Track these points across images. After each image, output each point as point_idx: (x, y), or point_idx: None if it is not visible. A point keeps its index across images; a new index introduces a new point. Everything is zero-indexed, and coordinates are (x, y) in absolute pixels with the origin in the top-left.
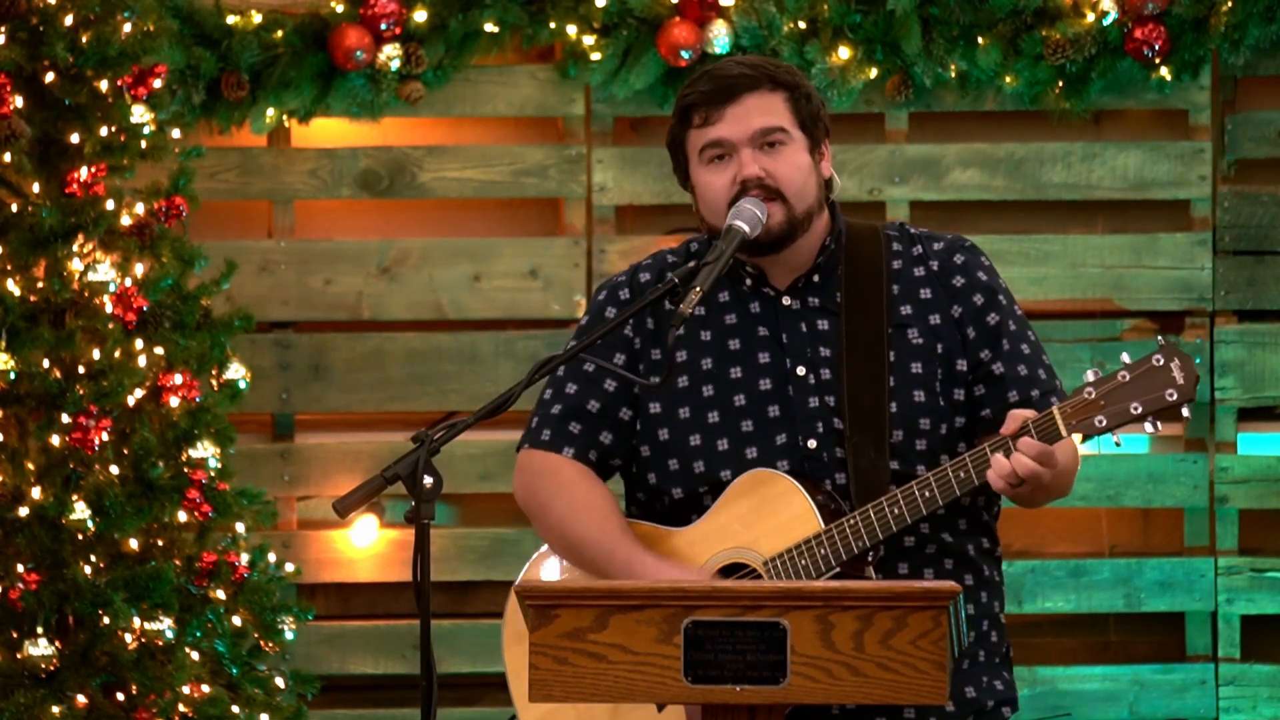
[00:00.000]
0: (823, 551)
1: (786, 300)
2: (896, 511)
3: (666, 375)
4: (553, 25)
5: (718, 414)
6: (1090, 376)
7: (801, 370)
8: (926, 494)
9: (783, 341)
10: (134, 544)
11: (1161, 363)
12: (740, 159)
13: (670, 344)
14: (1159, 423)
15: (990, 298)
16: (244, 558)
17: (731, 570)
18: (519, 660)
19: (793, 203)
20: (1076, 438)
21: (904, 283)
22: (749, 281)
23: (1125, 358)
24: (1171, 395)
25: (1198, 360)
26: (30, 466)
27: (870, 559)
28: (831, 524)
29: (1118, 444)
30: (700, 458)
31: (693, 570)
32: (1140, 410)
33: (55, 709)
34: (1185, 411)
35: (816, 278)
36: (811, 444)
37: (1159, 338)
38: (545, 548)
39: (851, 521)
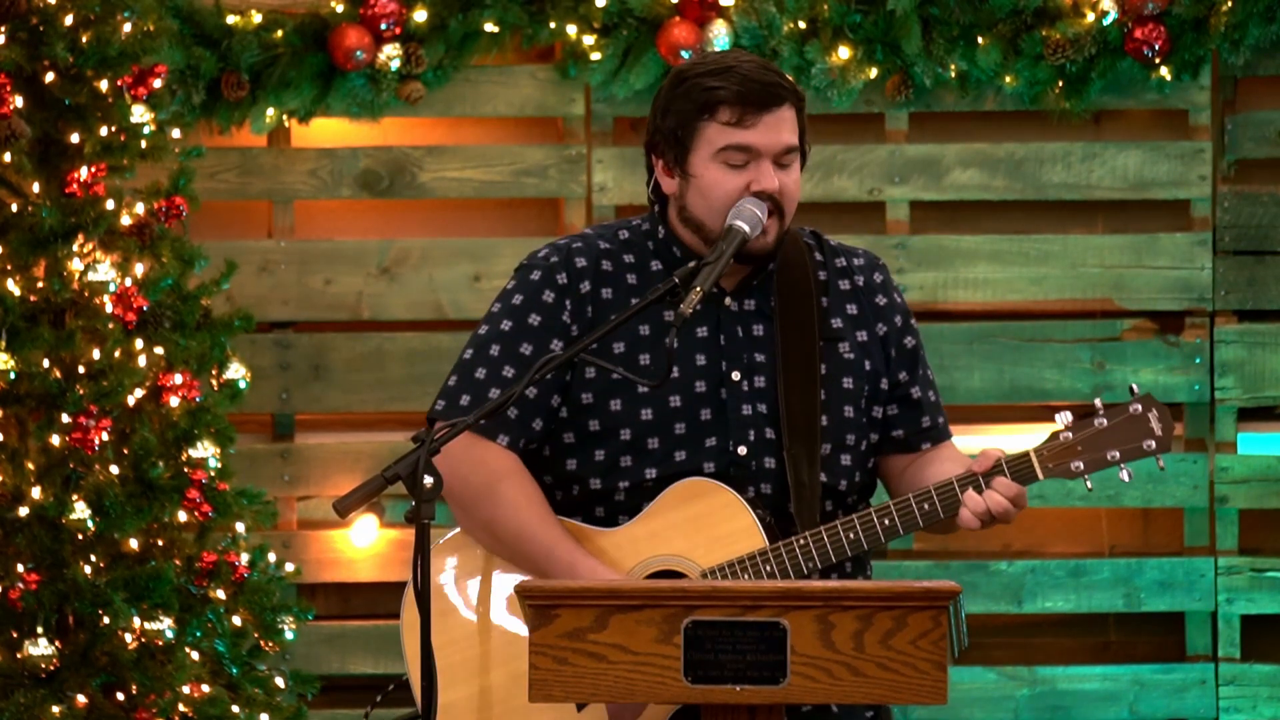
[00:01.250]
0: (769, 569)
1: (728, 300)
2: (853, 537)
3: (666, 376)
4: (553, 25)
5: (651, 412)
6: (1060, 421)
7: (736, 375)
8: (886, 523)
9: (720, 343)
10: (134, 544)
11: (1140, 411)
12: (761, 170)
13: (669, 345)
14: (1130, 470)
15: (906, 321)
16: (244, 558)
17: (665, 577)
18: (416, 647)
19: (787, 219)
20: None
21: (832, 295)
22: None
23: (1098, 403)
24: (1150, 446)
25: (1197, 360)
26: (30, 466)
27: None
28: (779, 542)
29: (1089, 489)
30: (628, 453)
31: (618, 575)
32: (1117, 458)
33: (55, 709)
34: (1160, 462)
35: (756, 281)
36: (742, 450)
37: (1133, 386)
38: (450, 539)
39: (803, 543)
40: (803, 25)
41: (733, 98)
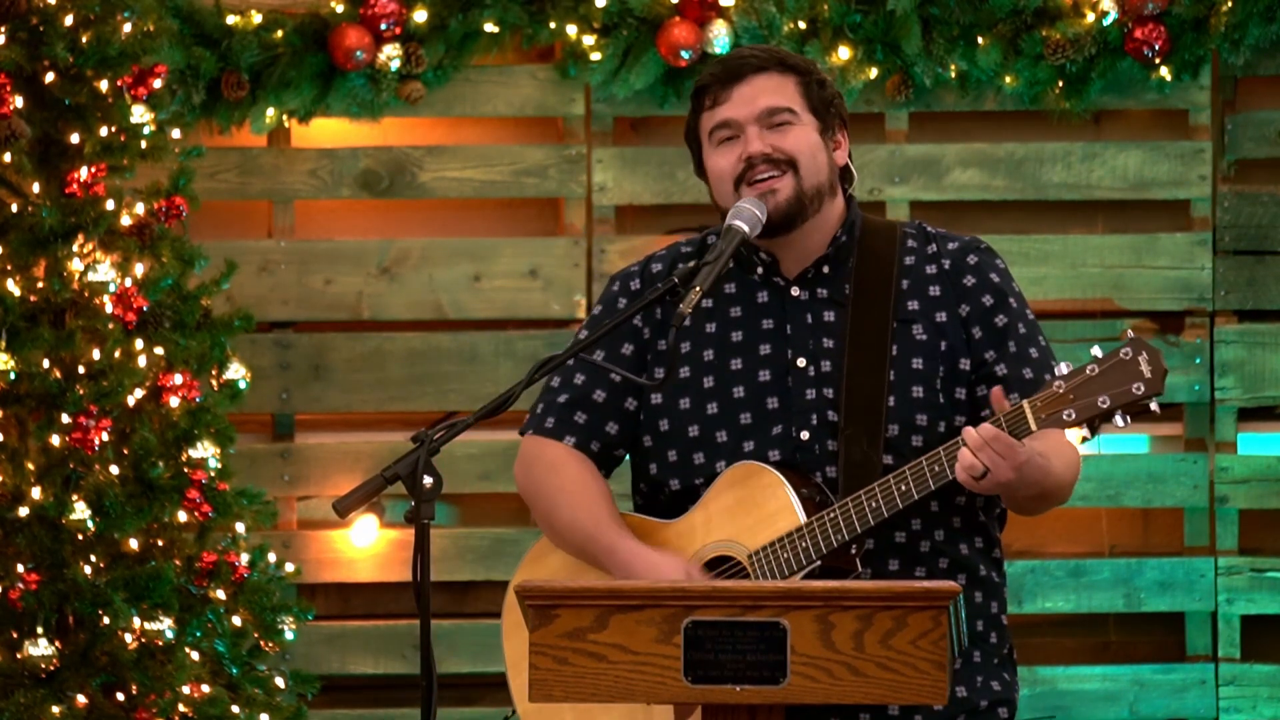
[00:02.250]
0: (804, 544)
1: (795, 291)
2: (874, 505)
3: (667, 376)
4: (553, 25)
5: (717, 406)
6: (1063, 369)
7: (802, 361)
8: (903, 487)
9: (786, 332)
10: (134, 544)
11: (1130, 356)
12: (746, 136)
13: (670, 344)
14: (1128, 417)
15: (1000, 300)
16: (244, 558)
17: (718, 562)
18: (518, 652)
19: (804, 175)
20: (1076, 441)
21: (914, 279)
22: (760, 271)
23: (1096, 351)
24: (1139, 389)
25: (1197, 360)
26: (30, 466)
27: (855, 552)
28: (812, 517)
29: (1084, 439)
30: (698, 449)
31: (681, 558)
32: (1108, 404)
33: (55, 709)
34: (1153, 405)
35: (826, 268)
36: (804, 435)
37: (1128, 331)
38: (535, 547)
39: (831, 515)
40: (803, 25)
41: (709, 81)
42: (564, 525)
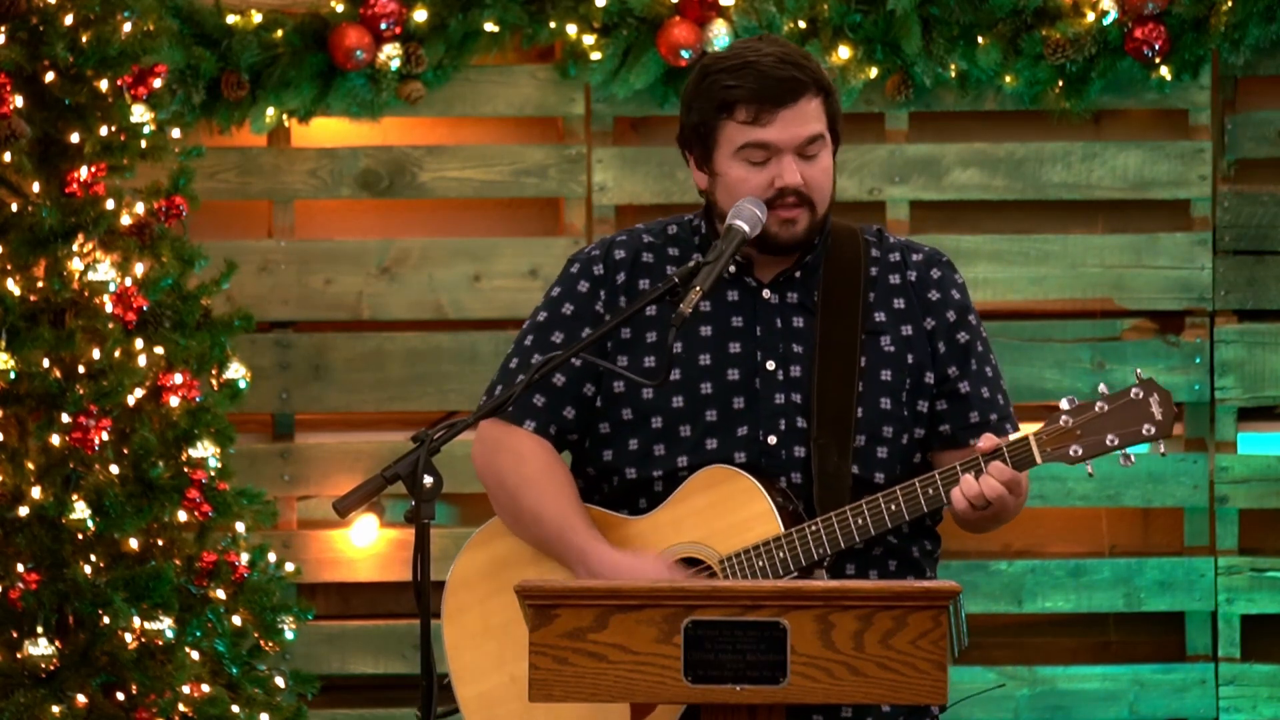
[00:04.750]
0: (782, 555)
1: (766, 293)
2: (860, 522)
3: (665, 376)
4: (553, 25)
5: (683, 400)
6: (1065, 405)
7: (771, 364)
8: (893, 508)
9: (756, 334)
10: (134, 544)
11: (1140, 396)
12: (783, 165)
13: (669, 343)
14: (1132, 455)
15: (962, 316)
16: (244, 558)
17: (686, 565)
18: (457, 634)
19: (819, 209)
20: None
21: (880, 289)
22: (732, 269)
23: (1103, 388)
24: (1149, 430)
25: (1197, 360)
26: (30, 466)
27: (825, 565)
28: (793, 528)
29: (1090, 474)
30: (660, 441)
31: (649, 556)
32: (1116, 443)
33: (55, 709)
34: (1161, 447)
35: (799, 274)
36: (771, 440)
37: (1137, 371)
38: (482, 531)
39: (814, 528)
40: (803, 25)
41: (748, 96)
42: (530, 518)
